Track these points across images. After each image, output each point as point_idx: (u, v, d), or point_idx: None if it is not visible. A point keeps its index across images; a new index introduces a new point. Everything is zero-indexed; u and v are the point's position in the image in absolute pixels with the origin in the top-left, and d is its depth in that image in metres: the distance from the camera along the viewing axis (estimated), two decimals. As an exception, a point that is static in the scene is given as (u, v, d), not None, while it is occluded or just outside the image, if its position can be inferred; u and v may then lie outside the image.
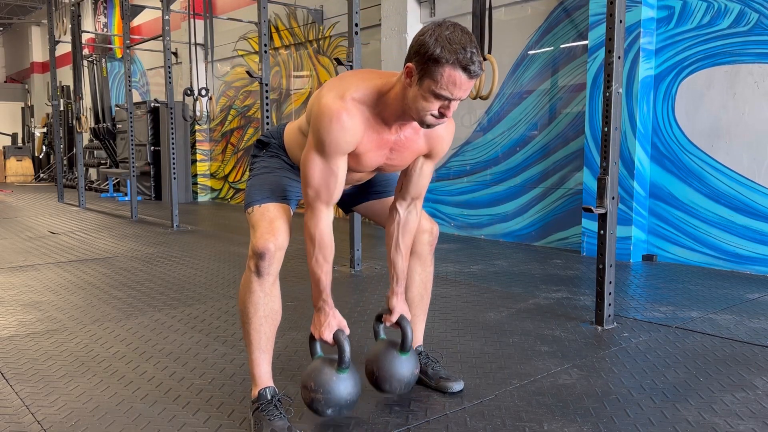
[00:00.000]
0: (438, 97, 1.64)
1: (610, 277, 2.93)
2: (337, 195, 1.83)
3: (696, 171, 4.36)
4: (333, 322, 1.87)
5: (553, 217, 5.29)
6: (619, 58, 2.84)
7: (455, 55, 1.58)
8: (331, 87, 1.79)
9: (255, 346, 1.90)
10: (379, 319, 2.13)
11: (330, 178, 1.78)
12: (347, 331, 1.88)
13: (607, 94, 2.86)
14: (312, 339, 1.91)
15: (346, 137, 1.74)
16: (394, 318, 2.05)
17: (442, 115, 1.68)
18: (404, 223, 2.04)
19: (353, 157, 1.82)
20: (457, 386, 2.18)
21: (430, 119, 1.70)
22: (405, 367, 2.02)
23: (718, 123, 4.25)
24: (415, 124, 1.79)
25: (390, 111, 1.76)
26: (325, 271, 1.85)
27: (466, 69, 1.60)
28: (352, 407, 1.90)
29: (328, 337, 1.86)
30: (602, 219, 2.90)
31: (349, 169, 1.87)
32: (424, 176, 2.00)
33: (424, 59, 1.61)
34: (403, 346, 2.02)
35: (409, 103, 1.69)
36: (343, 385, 1.84)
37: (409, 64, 1.65)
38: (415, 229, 2.08)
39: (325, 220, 1.82)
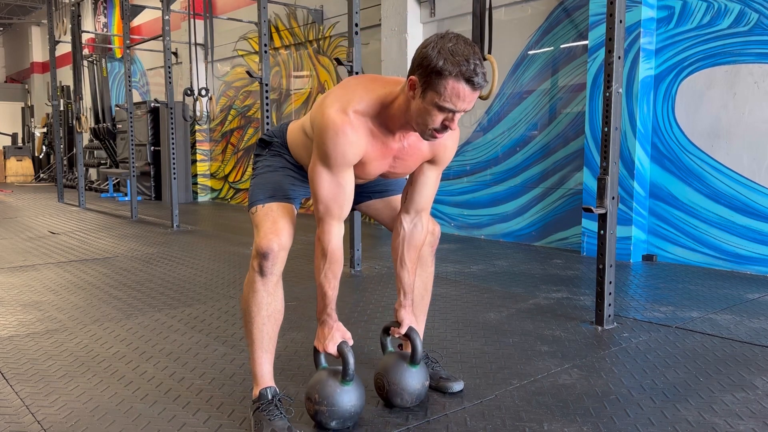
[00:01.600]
0: (441, 109, 1.64)
1: (610, 277, 2.93)
2: (347, 209, 1.83)
3: (696, 171, 4.36)
4: (337, 335, 1.87)
5: (553, 217, 5.29)
6: (619, 58, 2.84)
7: (458, 68, 1.58)
8: (335, 98, 1.78)
9: (257, 346, 1.91)
10: (386, 331, 2.13)
11: (338, 192, 1.79)
12: (351, 343, 1.88)
13: (607, 94, 2.86)
14: (316, 351, 1.91)
15: (351, 150, 1.75)
16: (404, 330, 2.04)
17: (445, 127, 1.68)
18: (409, 237, 2.03)
19: (357, 166, 1.82)
20: (457, 386, 2.18)
21: (432, 132, 1.70)
22: (416, 380, 2.01)
23: (718, 123, 4.25)
24: None
25: (394, 121, 1.77)
26: (332, 286, 1.85)
27: (469, 81, 1.60)
28: (356, 419, 1.90)
29: (333, 349, 1.86)
30: (602, 219, 2.90)
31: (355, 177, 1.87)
32: (429, 186, 2.00)
33: (427, 72, 1.61)
34: (413, 359, 2.01)
35: (413, 116, 1.70)
36: (348, 397, 1.84)
37: (413, 77, 1.65)
38: (422, 243, 2.06)
39: (337, 235, 1.82)
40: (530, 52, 5.45)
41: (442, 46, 1.60)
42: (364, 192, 2.17)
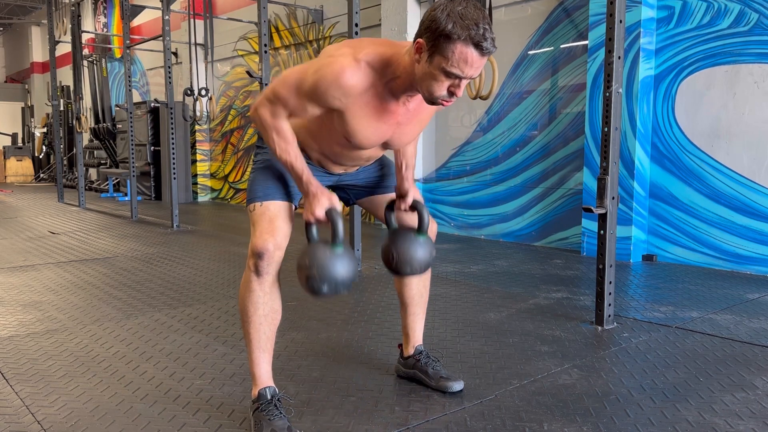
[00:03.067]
0: (448, 75, 1.60)
1: (610, 277, 2.93)
2: (288, 121, 1.79)
3: (696, 171, 4.36)
4: (323, 199, 1.79)
5: (553, 217, 5.29)
6: (619, 58, 2.84)
7: (467, 32, 1.54)
8: (348, 44, 1.75)
9: (255, 346, 1.90)
10: (390, 207, 2.09)
11: (297, 106, 1.74)
12: (339, 207, 1.81)
13: (607, 94, 2.86)
14: (307, 225, 1.84)
15: (339, 94, 1.68)
16: (409, 201, 2.02)
17: (451, 93, 1.65)
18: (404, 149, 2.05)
19: (352, 124, 1.76)
20: (457, 386, 2.17)
21: (438, 97, 1.66)
22: (424, 248, 2.00)
23: (718, 123, 4.25)
24: None
25: (398, 83, 1.72)
26: (293, 155, 1.79)
27: (478, 46, 1.56)
28: (348, 287, 1.82)
29: (321, 214, 1.79)
30: (602, 219, 2.90)
31: (357, 147, 1.85)
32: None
33: (435, 35, 1.57)
34: (420, 228, 2.01)
35: (418, 80, 1.66)
36: (339, 262, 1.77)
37: (420, 40, 1.61)
38: (415, 150, 2.09)
39: (284, 120, 1.78)
40: (530, 52, 5.45)
41: (451, 9, 1.56)
42: (366, 186, 2.15)
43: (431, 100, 1.69)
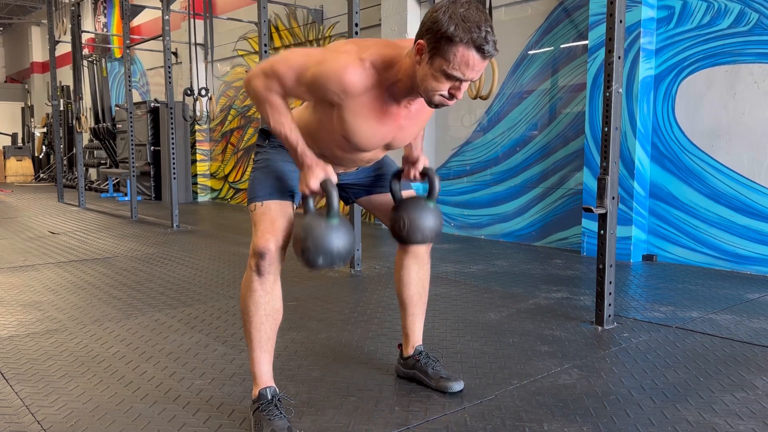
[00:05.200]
0: (449, 77, 1.60)
1: (610, 277, 2.93)
2: (281, 96, 1.77)
3: (696, 171, 4.36)
4: (318, 170, 1.77)
5: (553, 217, 5.29)
6: (619, 58, 2.84)
7: (470, 34, 1.54)
8: (354, 42, 1.76)
9: (256, 345, 1.90)
10: (396, 176, 2.08)
11: (291, 86, 1.73)
12: (335, 179, 1.79)
13: (607, 94, 2.86)
14: (304, 198, 1.83)
15: (334, 82, 1.67)
16: (420, 167, 2.02)
17: (451, 96, 1.65)
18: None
19: (352, 123, 1.75)
20: (457, 386, 2.17)
21: (439, 99, 1.66)
22: (435, 215, 1.99)
23: (718, 123, 4.25)
24: None
25: (400, 86, 1.72)
26: (288, 126, 1.77)
27: (480, 49, 1.56)
28: (344, 259, 1.80)
29: (315, 185, 1.76)
30: (602, 219, 2.90)
31: (357, 149, 1.85)
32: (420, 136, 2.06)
33: (436, 37, 1.57)
34: (431, 195, 2.01)
35: (418, 81, 1.65)
36: (334, 233, 1.75)
37: (421, 41, 1.60)
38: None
39: (277, 94, 1.76)
40: (530, 52, 5.45)
41: (453, 11, 1.55)
42: (366, 185, 2.15)
43: (431, 102, 1.69)
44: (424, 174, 2.03)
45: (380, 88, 1.73)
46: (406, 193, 2.10)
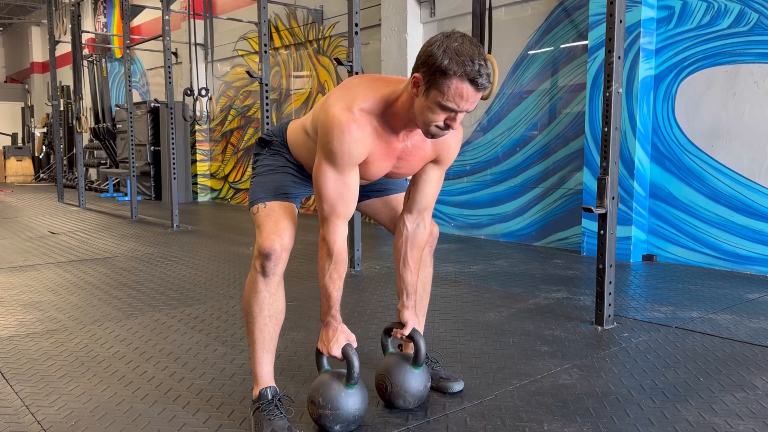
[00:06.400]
0: (444, 108, 1.64)
1: (610, 277, 2.93)
2: (352, 208, 1.82)
3: (696, 171, 4.36)
4: (341, 337, 1.85)
5: (553, 217, 5.29)
6: (619, 58, 2.84)
7: (463, 68, 1.58)
8: (339, 97, 1.78)
9: (258, 346, 1.91)
10: (387, 332, 2.12)
11: (344, 191, 1.78)
12: (356, 345, 1.87)
13: (607, 94, 2.86)
14: (319, 353, 1.89)
15: (357, 148, 1.73)
16: (407, 332, 2.02)
17: (447, 126, 1.68)
18: (412, 237, 2.02)
19: (362, 167, 1.81)
20: (457, 386, 2.18)
21: (435, 130, 1.69)
22: (419, 382, 2.01)
23: (718, 123, 4.25)
24: None
25: (397, 120, 1.76)
26: (337, 287, 1.84)
27: (473, 82, 1.60)
28: (360, 422, 1.89)
29: (337, 352, 1.84)
30: (602, 219, 2.90)
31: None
32: (432, 185, 1.98)
33: (431, 70, 1.61)
34: (416, 360, 2.01)
35: (416, 114, 1.69)
36: (352, 401, 1.83)
37: (416, 75, 1.65)
38: (424, 243, 2.06)
39: (342, 235, 1.81)
40: (530, 52, 5.45)
41: (447, 45, 1.59)
42: (363, 191, 2.16)
43: (428, 132, 1.72)
44: (411, 338, 2.02)
45: (378, 127, 1.77)
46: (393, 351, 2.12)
